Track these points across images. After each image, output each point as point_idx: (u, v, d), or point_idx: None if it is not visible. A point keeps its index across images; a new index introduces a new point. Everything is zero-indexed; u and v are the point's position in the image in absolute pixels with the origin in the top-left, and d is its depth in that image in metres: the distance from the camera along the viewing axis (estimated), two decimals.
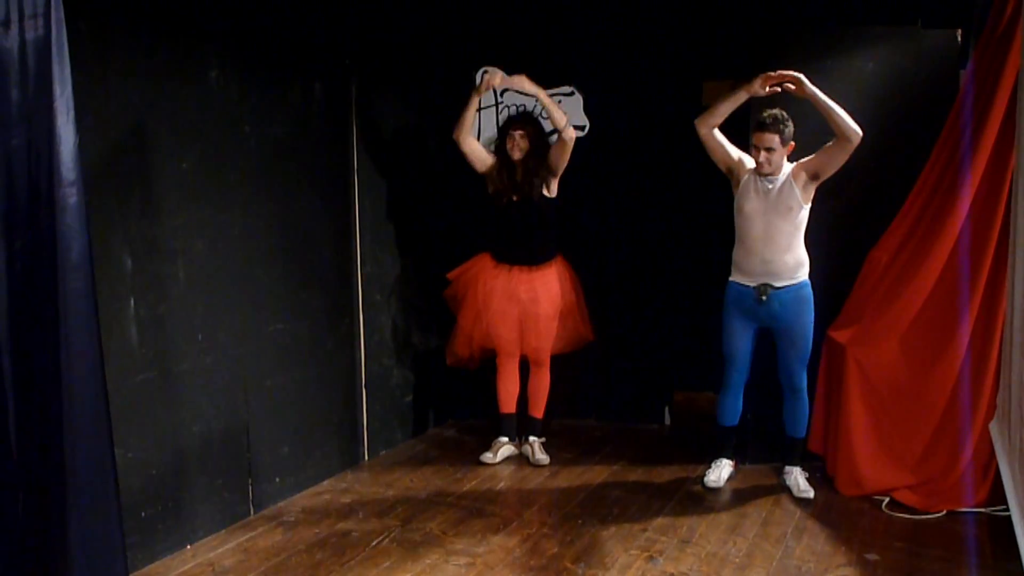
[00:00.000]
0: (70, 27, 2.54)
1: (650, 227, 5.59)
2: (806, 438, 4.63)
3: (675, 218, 5.56)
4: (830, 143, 4.26)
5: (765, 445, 4.84)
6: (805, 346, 4.43)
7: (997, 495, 4.12)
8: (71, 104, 2.51)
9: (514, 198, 4.92)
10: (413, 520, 4.21)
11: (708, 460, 4.75)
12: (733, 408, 4.64)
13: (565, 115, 4.88)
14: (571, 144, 4.83)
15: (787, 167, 4.38)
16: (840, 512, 4.28)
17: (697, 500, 4.45)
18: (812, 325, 4.43)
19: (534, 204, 4.92)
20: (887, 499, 4.34)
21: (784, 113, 4.28)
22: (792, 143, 4.30)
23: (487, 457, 5.02)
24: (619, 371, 5.71)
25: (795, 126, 4.33)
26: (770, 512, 4.29)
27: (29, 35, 2.44)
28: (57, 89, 2.48)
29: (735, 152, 4.46)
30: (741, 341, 4.51)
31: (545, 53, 5.54)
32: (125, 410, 3.51)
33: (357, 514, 4.29)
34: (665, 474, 4.81)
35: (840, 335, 4.54)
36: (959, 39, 4.70)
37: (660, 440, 5.45)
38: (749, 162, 4.42)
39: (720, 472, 4.65)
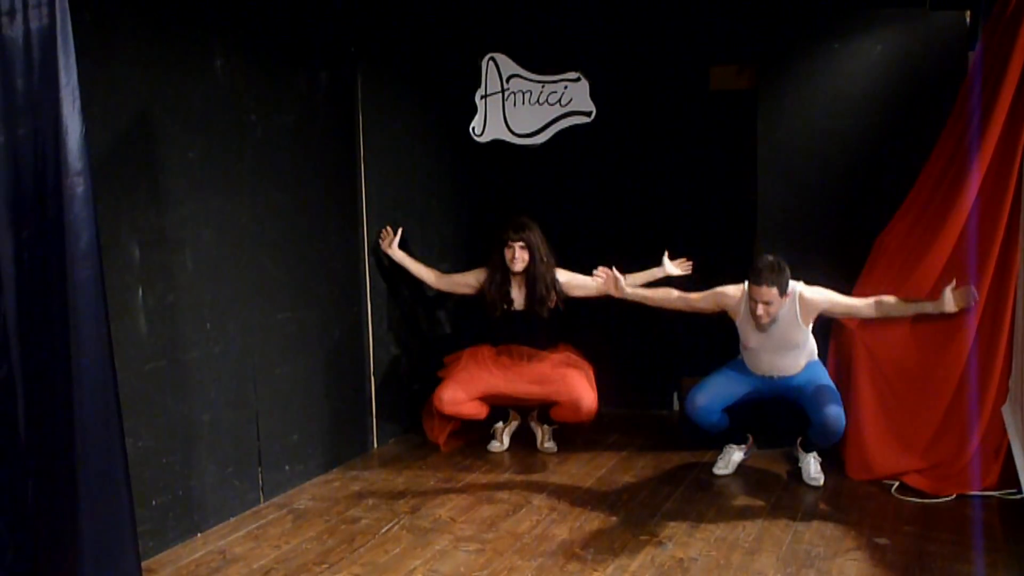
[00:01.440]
0: (74, 16, 2.54)
1: (657, 212, 5.57)
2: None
3: (683, 203, 5.55)
4: (855, 304, 4.27)
5: (774, 431, 4.84)
6: (829, 388, 4.35)
7: (1007, 478, 4.11)
8: (77, 94, 2.52)
9: (513, 309, 4.87)
10: (422, 507, 4.23)
11: (717, 447, 4.74)
12: (715, 428, 4.58)
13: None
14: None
15: (790, 299, 4.24)
16: (849, 497, 4.27)
17: (706, 486, 4.46)
18: (827, 372, 4.45)
19: (531, 317, 4.85)
20: (897, 483, 4.33)
21: (780, 262, 4.18)
22: (788, 291, 4.20)
23: (494, 446, 5.03)
24: (627, 358, 5.71)
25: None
26: (779, 497, 4.29)
27: (34, 25, 2.45)
28: (63, 79, 2.49)
29: (715, 298, 4.43)
30: (728, 386, 4.48)
31: (551, 38, 5.52)
32: (135, 399, 3.53)
33: (367, 501, 4.31)
34: (674, 460, 4.82)
35: (849, 320, 4.52)
36: (967, 20, 4.67)
37: (669, 426, 5.45)
38: (735, 292, 4.38)
39: (729, 459, 4.62)
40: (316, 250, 4.60)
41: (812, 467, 4.47)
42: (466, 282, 5.02)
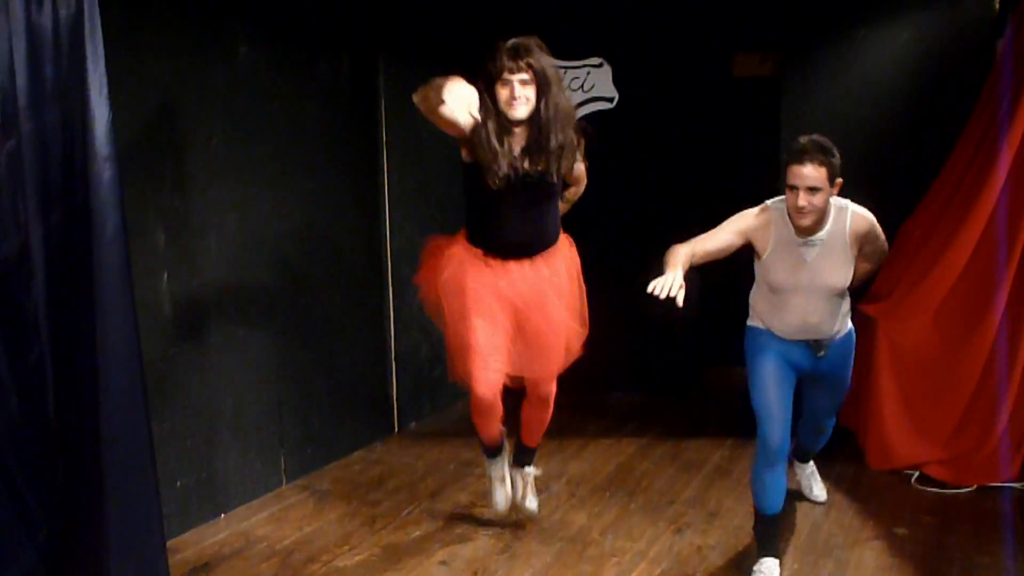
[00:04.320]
0: (102, 3, 2.57)
1: (679, 199, 5.56)
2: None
3: (704, 190, 5.52)
4: (884, 249, 3.48)
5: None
6: (844, 391, 3.64)
7: None
8: (104, 80, 2.54)
9: (511, 175, 3.28)
10: (442, 491, 4.26)
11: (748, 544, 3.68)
12: (776, 489, 3.33)
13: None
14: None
15: (839, 214, 3.28)
16: (869, 486, 4.26)
17: (725, 474, 4.46)
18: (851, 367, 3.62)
19: (541, 185, 3.34)
20: (917, 473, 4.32)
21: (829, 142, 3.19)
22: (840, 180, 3.20)
23: (499, 501, 3.75)
24: (648, 345, 5.71)
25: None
26: (798, 486, 4.28)
27: (62, 12, 2.47)
28: (90, 66, 2.51)
29: (735, 230, 3.37)
30: (782, 391, 3.33)
31: (574, 24, 5.50)
32: (160, 383, 3.58)
33: (387, 485, 4.35)
34: (693, 448, 4.82)
35: (871, 309, 4.50)
36: (996, 7, 4.61)
37: (688, 414, 5.45)
38: (763, 221, 3.33)
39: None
40: (338, 235, 4.63)
41: (815, 484, 4.06)
42: (462, 125, 3.16)
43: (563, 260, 3.50)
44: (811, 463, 4.07)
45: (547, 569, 3.49)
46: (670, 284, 3.12)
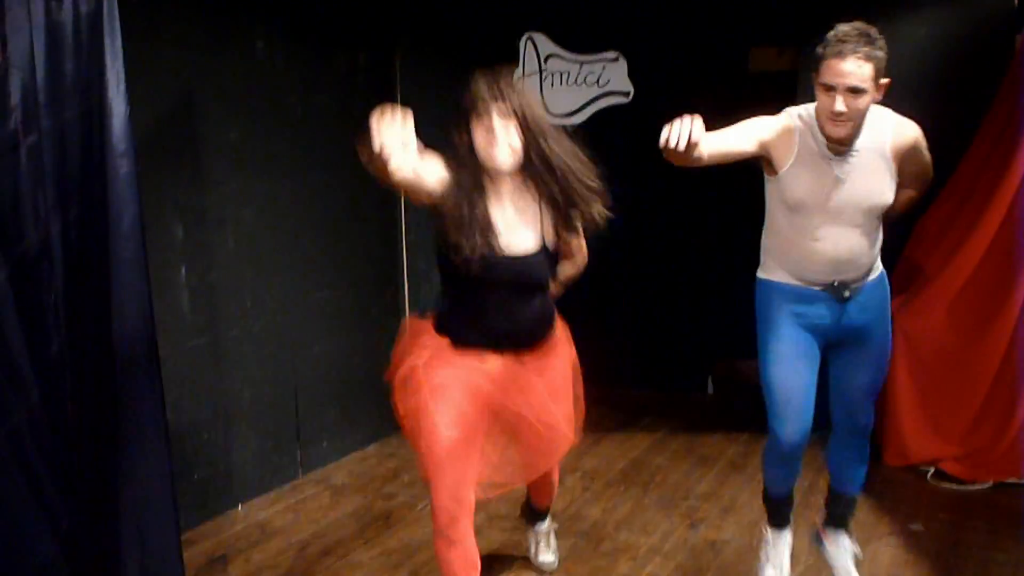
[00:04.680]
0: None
1: (694, 192, 5.54)
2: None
3: (720, 183, 5.51)
4: (928, 166, 2.94)
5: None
6: (884, 363, 2.99)
7: None
8: (122, 75, 2.57)
9: (499, 254, 2.63)
10: None
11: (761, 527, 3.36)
12: (790, 477, 3.01)
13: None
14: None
15: (876, 124, 2.70)
16: (884, 482, 4.25)
17: (739, 468, 4.46)
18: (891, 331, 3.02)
19: (531, 263, 2.70)
20: (932, 469, 4.30)
21: (873, 30, 2.62)
22: (887, 81, 2.65)
23: None
24: (661, 339, 5.70)
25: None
26: (813, 481, 4.26)
27: (82, 8, 2.50)
28: (109, 61, 2.54)
29: (753, 136, 2.77)
30: (803, 375, 2.79)
31: (590, 18, 5.49)
32: (177, 375, 3.60)
33: (403, 478, 4.37)
34: (707, 442, 4.82)
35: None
36: (1016, 1, 4.57)
37: (702, 408, 5.45)
38: (785, 131, 2.74)
39: (780, 553, 3.13)
40: (354, 230, 4.65)
41: (848, 562, 3.13)
42: (426, 180, 2.60)
43: (557, 355, 2.87)
44: (847, 539, 3.10)
45: (561, 563, 3.50)
46: (688, 126, 2.53)
